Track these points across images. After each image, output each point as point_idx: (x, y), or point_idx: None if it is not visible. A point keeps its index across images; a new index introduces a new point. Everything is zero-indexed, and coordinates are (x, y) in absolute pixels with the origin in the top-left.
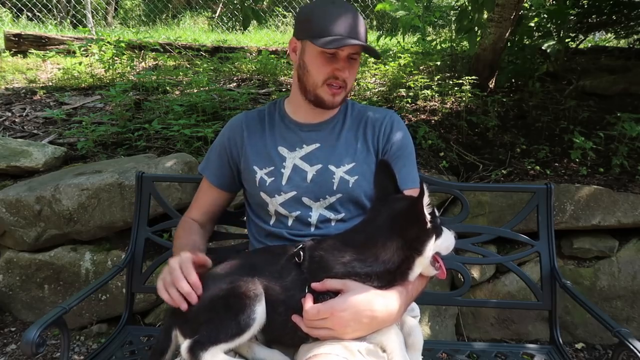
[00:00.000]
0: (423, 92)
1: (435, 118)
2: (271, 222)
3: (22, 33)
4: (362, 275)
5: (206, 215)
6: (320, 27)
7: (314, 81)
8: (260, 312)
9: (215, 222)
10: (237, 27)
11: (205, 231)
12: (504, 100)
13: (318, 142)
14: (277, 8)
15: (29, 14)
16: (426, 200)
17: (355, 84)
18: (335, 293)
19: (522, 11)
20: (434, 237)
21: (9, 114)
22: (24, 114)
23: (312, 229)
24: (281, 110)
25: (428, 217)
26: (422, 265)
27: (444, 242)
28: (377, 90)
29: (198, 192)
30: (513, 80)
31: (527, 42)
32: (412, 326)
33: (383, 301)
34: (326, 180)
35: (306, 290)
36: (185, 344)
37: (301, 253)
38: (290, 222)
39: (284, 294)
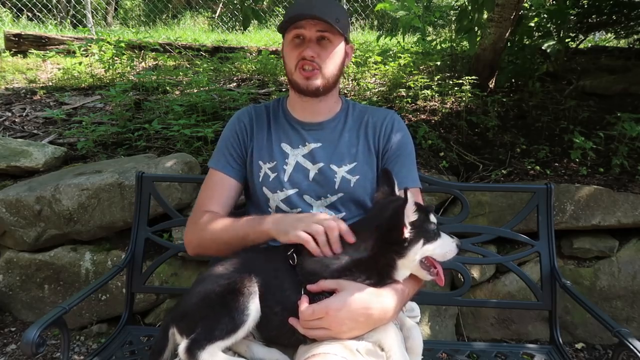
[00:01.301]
0: (423, 92)
1: (435, 118)
2: None
3: (22, 33)
4: (347, 272)
5: (225, 209)
6: (287, 19)
7: (289, 68)
8: (254, 308)
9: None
10: (237, 27)
11: None
12: (504, 100)
13: (320, 142)
14: (277, 8)
15: (29, 14)
16: (410, 207)
17: (355, 84)
18: (330, 293)
19: (522, 11)
20: (421, 241)
21: (9, 114)
22: (24, 114)
23: None
24: (284, 107)
25: (408, 227)
26: (408, 268)
27: (439, 249)
28: (377, 90)
29: (206, 186)
30: (513, 80)
31: (527, 42)
32: (411, 329)
33: (378, 299)
34: (328, 179)
35: (302, 292)
36: (182, 345)
37: (294, 256)
38: None
39: (281, 294)
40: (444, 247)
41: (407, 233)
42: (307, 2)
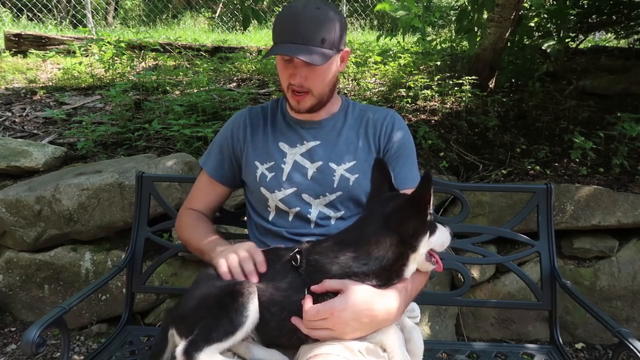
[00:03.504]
0: (423, 92)
1: (435, 118)
2: (271, 217)
3: (22, 33)
4: (360, 275)
5: (207, 209)
6: (274, 33)
7: (282, 86)
8: (252, 310)
9: (214, 215)
10: (237, 27)
11: None
12: (504, 100)
13: (318, 140)
14: (277, 8)
15: (29, 14)
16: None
17: (356, 84)
18: (334, 293)
19: (522, 11)
20: (428, 233)
21: (9, 114)
22: (24, 114)
23: (312, 226)
24: (283, 107)
25: (430, 209)
26: (417, 262)
27: (438, 239)
28: (377, 90)
29: (196, 185)
30: (513, 80)
31: (527, 42)
32: (411, 331)
33: (382, 300)
34: (326, 177)
35: (305, 292)
36: (179, 348)
37: (298, 256)
38: (290, 218)
39: (281, 295)
40: (441, 237)
41: (429, 215)
42: (290, 27)
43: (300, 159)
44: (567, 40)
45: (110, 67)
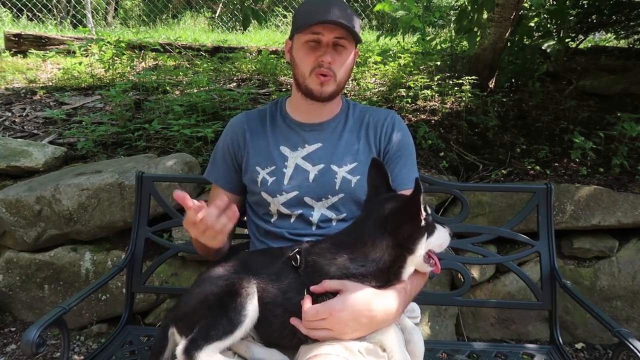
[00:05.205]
0: (423, 92)
1: (435, 118)
2: (272, 220)
3: (22, 33)
4: (358, 276)
5: None
6: (301, 19)
7: (302, 72)
8: (252, 309)
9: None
10: (237, 27)
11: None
12: (504, 100)
13: (320, 142)
14: (277, 8)
15: (29, 14)
16: (422, 197)
17: (356, 84)
18: (333, 294)
19: (522, 11)
20: (425, 235)
21: (9, 114)
22: (24, 114)
23: (314, 228)
24: (282, 110)
25: (424, 214)
26: (415, 264)
27: (437, 240)
28: (377, 90)
29: (210, 197)
30: (513, 80)
31: (527, 42)
32: (412, 332)
33: (381, 301)
34: (328, 180)
35: (305, 292)
36: (180, 346)
37: (297, 257)
38: (292, 220)
39: (282, 296)
40: (440, 238)
41: (423, 221)
42: (324, 7)
43: (301, 162)
44: (567, 40)
45: (110, 67)
